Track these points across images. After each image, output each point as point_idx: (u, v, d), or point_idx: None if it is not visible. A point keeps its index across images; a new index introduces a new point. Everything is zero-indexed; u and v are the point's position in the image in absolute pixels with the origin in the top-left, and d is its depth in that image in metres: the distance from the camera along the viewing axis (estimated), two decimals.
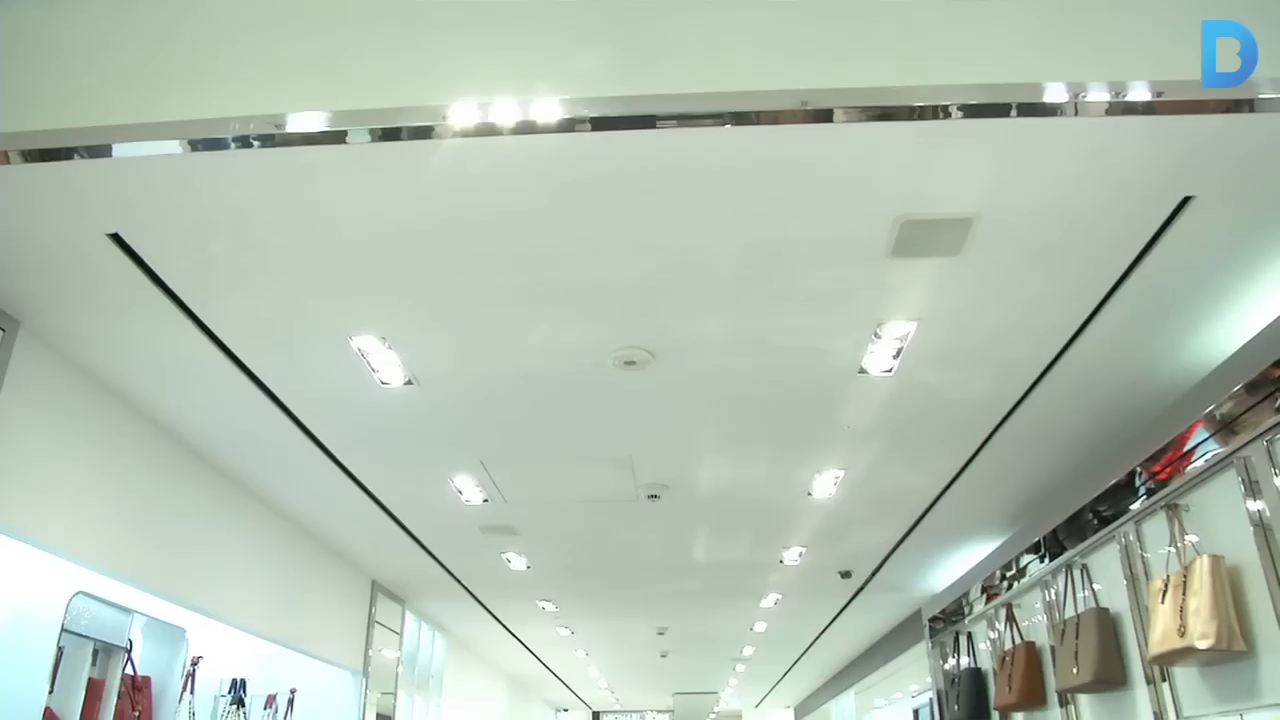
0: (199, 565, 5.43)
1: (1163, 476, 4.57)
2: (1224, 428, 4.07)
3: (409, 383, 4.44)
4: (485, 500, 6.15)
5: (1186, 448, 4.35)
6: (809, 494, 6.10)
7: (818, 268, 3.57)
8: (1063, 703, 5.81)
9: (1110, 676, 5.00)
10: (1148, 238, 3.39)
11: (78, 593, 4.10)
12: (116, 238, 3.33)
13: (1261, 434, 3.76)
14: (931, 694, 8.95)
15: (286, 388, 4.61)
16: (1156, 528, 4.67)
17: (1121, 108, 2.70)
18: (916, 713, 10.13)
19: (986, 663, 7.25)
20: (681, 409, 4.88)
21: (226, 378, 4.40)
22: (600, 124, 2.73)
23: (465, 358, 4.29)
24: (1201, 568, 4.02)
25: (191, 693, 5.17)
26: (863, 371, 4.36)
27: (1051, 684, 5.95)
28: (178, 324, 3.90)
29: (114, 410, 4.65)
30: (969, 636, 7.67)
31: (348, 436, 5.22)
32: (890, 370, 4.33)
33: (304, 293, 3.72)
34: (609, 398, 4.71)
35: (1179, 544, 4.37)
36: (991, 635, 7.04)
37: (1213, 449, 4.15)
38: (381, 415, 4.87)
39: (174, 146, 2.82)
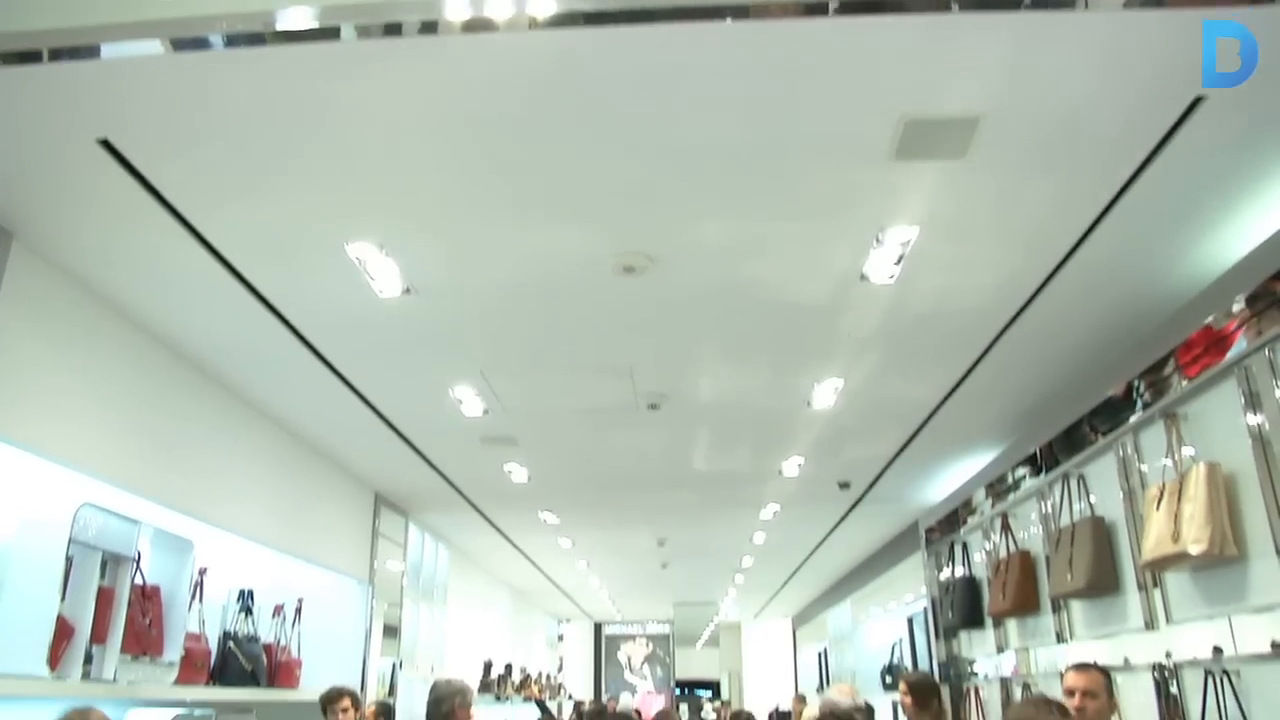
0: (203, 477, 5.48)
1: (1162, 386, 4.59)
2: (1224, 337, 4.07)
3: (407, 291, 4.41)
4: (485, 411, 6.18)
5: (1188, 357, 4.36)
6: (808, 404, 6.12)
7: (819, 170, 3.52)
8: (1055, 609, 5.93)
9: (1103, 583, 5.09)
10: (1156, 141, 3.33)
11: (84, 504, 4.12)
12: (107, 144, 3.27)
13: (1264, 344, 3.76)
14: (926, 603, 9.13)
15: (285, 298, 4.59)
16: (1154, 438, 4.70)
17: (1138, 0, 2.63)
18: (911, 621, 10.34)
19: (981, 573, 7.39)
20: (681, 317, 4.86)
21: (224, 289, 4.38)
22: (595, 19, 2.67)
23: (463, 265, 4.26)
24: (1198, 475, 4.06)
25: (200, 602, 5.25)
26: (864, 279, 4.32)
27: (1045, 590, 6.06)
28: (173, 234, 3.86)
29: (114, 323, 4.63)
30: (964, 546, 7.80)
31: (347, 347, 5.21)
32: (892, 277, 4.30)
33: (298, 197, 3.67)
34: (609, 305, 4.68)
35: (1176, 452, 4.41)
36: (987, 546, 7.16)
37: (1212, 358, 4.16)
38: (380, 325, 4.86)
39: (158, 46, 2.75)
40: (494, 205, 3.74)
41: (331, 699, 5.96)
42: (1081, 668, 4.17)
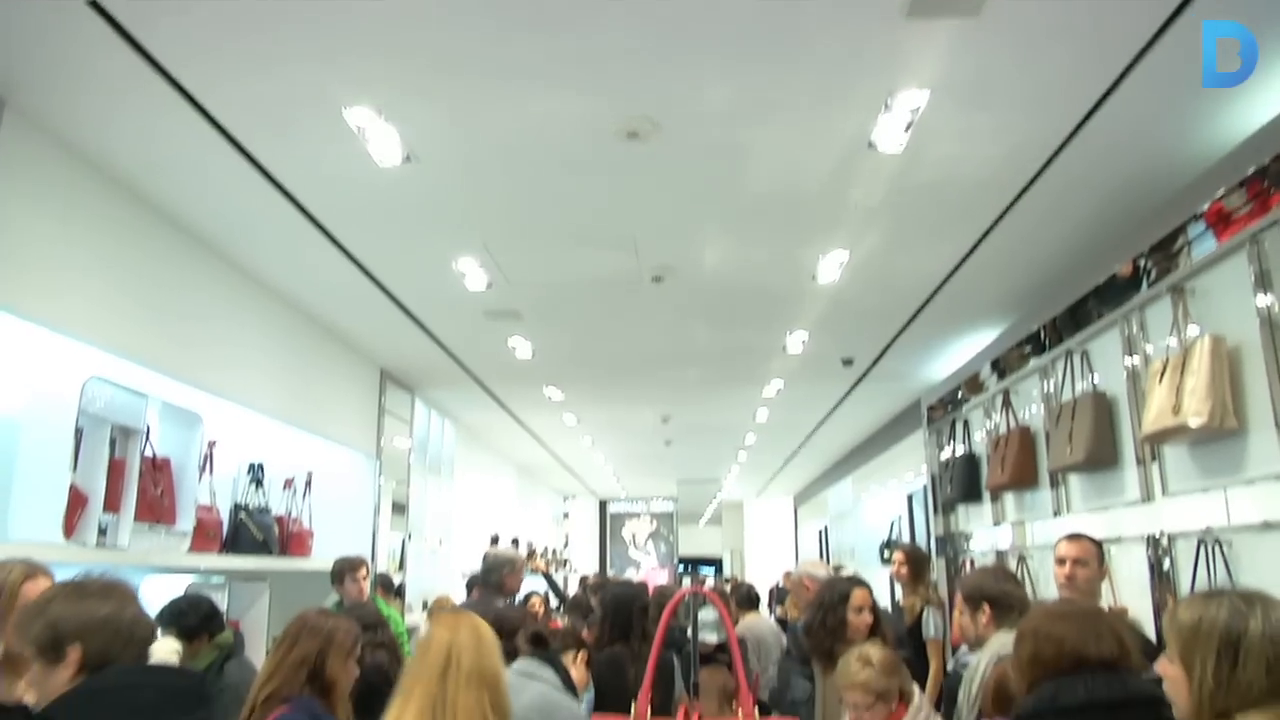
0: (209, 350, 5.50)
1: (1170, 261, 4.54)
2: (1236, 211, 4.01)
3: (407, 160, 4.33)
4: (489, 284, 6.14)
5: (1197, 230, 4.30)
6: (813, 278, 6.07)
7: (829, 29, 3.40)
8: (1053, 483, 6.01)
9: (1102, 456, 5.15)
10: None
11: (92, 376, 4.14)
12: (96, 5, 3.17)
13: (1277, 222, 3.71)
14: (925, 480, 9.27)
15: (284, 168, 4.51)
16: (1160, 314, 4.68)
17: None
18: (910, 498, 10.52)
19: (981, 450, 7.47)
20: (685, 185, 4.78)
21: (223, 160, 4.31)
22: None
23: (464, 132, 4.17)
24: (1202, 348, 4.05)
25: (211, 474, 5.33)
26: (871, 146, 4.23)
27: (1044, 465, 6.13)
28: (169, 101, 3.78)
29: (116, 196, 4.59)
30: (966, 424, 7.87)
31: (349, 218, 5.16)
32: (900, 146, 4.20)
33: (294, 58, 3.56)
34: (613, 173, 4.60)
35: (1181, 327, 4.39)
36: (988, 425, 7.22)
37: (1226, 232, 4.10)
38: (381, 195, 4.79)
39: None
40: (495, 67, 3.64)
41: (353, 566, 6.12)
42: (1073, 537, 4.24)
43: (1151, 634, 4.08)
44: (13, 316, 3.86)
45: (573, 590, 11.35)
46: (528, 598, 6.79)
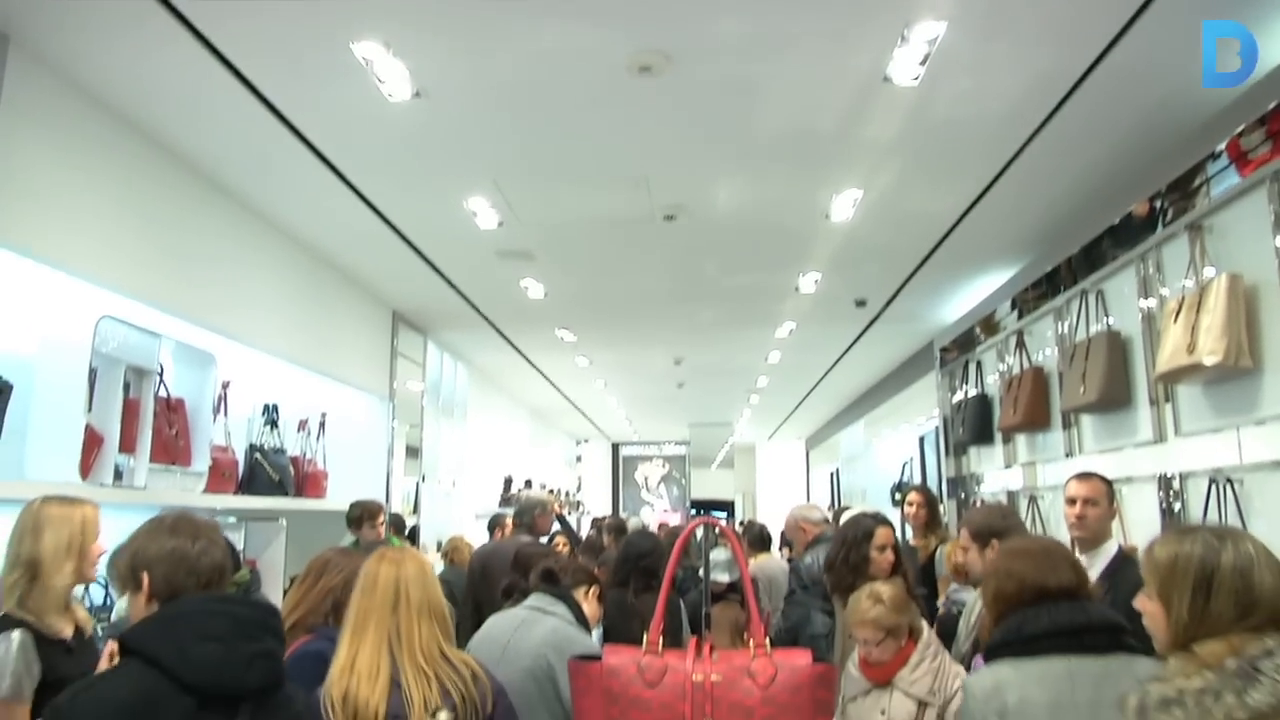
0: (221, 291, 5.50)
1: (1188, 199, 4.48)
2: (1256, 149, 3.94)
3: (417, 95, 4.27)
4: (500, 223, 6.09)
5: (1217, 167, 4.23)
6: (826, 216, 6.01)
7: None
8: (1066, 424, 6.01)
9: (1115, 396, 5.13)
10: None
11: (104, 316, 4.16)
12: None
13: None
14: (937, 422, 9.28)
15: (292, 104, 4.47)
16: (1176, 254, 4.63)
17: None
18: (922, 440, 10.53)
19: (994, 392, 7.46)
20: (698, 121, 4.71)
21: (231, 96, 4.27)
22: None
23: (474, 67, 4.11)
24: (1218, 286, 4.02)
25: (225, 415, 5.37)
26: (887, 80, 4.15)
27: (1056, 405, 6.12)
28: (174, 36, 3.73)
29: (124, 135, 4.57)
30: (979, 365, 7.85)
31: (359, 156, 5.12)
32: (916, 79, 4.12)
33: None
34: (624, 108, 4.53)
35: (1198, 266, 4.35)
36: (1001, 368, 7.20)
37: (1244, 170, 4.03)
38: (391, 132, 4.75)
39: None
40: (505, 1, 3.57)
41: (372, 514, 6.20)
42: (1084, 476, 4.24)
43: None
44: (25, 258, 3.87)
45: (584, 532, 11.50)
46: (552, 538, 6.90)
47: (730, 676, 1.88)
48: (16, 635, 2.68)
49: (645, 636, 1.95)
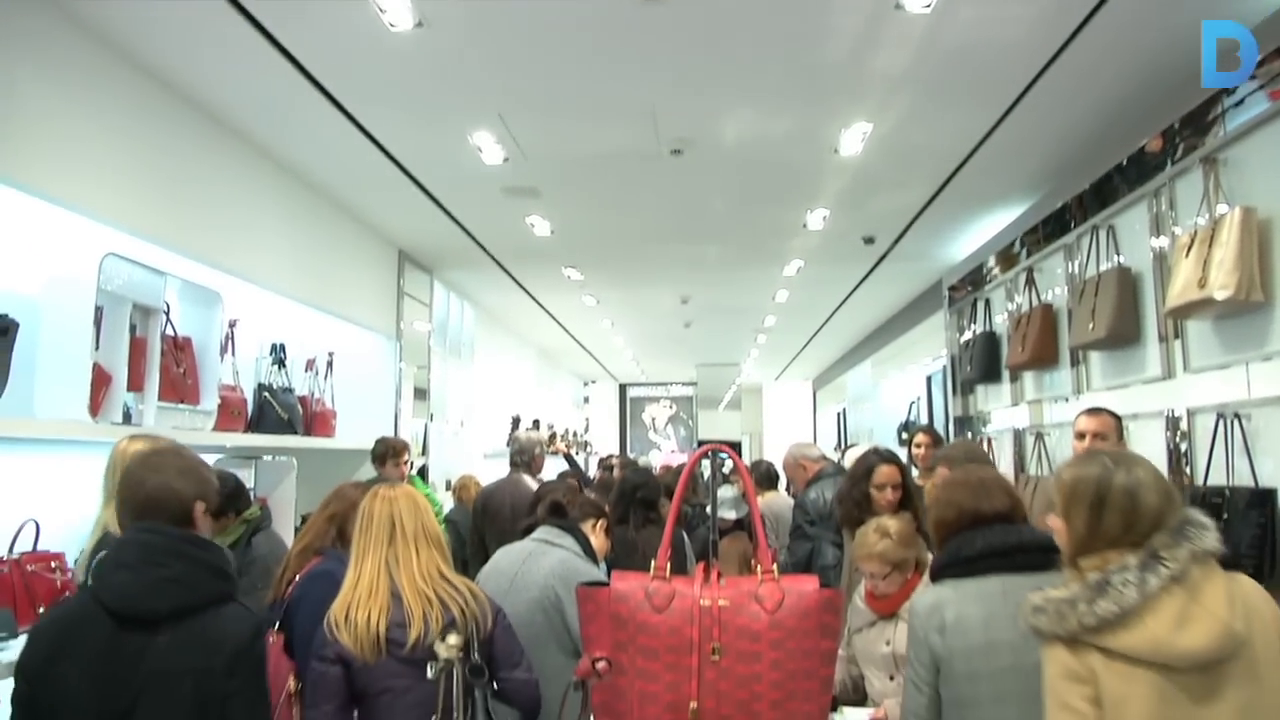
0: (226, 229, 5.48)
1: (1202, 131, 4.40)
2: (1271, 83, 3.86)
3: (419, 24, 4.20)
4: (505, 159, 6.03)
5: (1233, 100, 4.15)
6: (835, 151, 5.93)
7: None
8: (1074, 362, 5.99)
9: (1124, 332, 5.11)
10: None
11: (108, 254, 4.13)
12: None
13: None
14: (945, 362, 9.26)
15: (293, 35, 4.40)
16: (1189, 189, 4.58)
17: None
18: (929, 380, 10.53)
19: (1002, 330, 7.43)
20: (704, 50, 4.62)
21: (232, 29, 4.22)
22: None
23: None
24: (1232, 220, 3.97)
25: (233, 355, 5.37)
26: (898, 7, 4.07)
27: (1065, 343, 6.10)
28: None
29: (127, 72, 4.53)
30: (987, 303, 7.81)
31: (361, 89, 5.06)
32: (928, 6, 4.04)
33: None
34: (630, 39, 4.46)
35: (1211, 200, 4.29)
36: (1010, 307, 7.16)
37: (1263, 100, 3.96)
38: (394, 63, 4.68)
39: None
40: None
41: (396, 451, 6.22)
42: (1093, 411, 4.25)
43: None
44: (29, 195, 3.85)
45: (592, 472, 11.60)
46: (563, 475, 6.98)
47: (738, 601, 1.90)
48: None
49: (652, 565, 1.96)
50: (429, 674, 2.21)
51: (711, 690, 1.86)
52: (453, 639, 1.58)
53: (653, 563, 1.92)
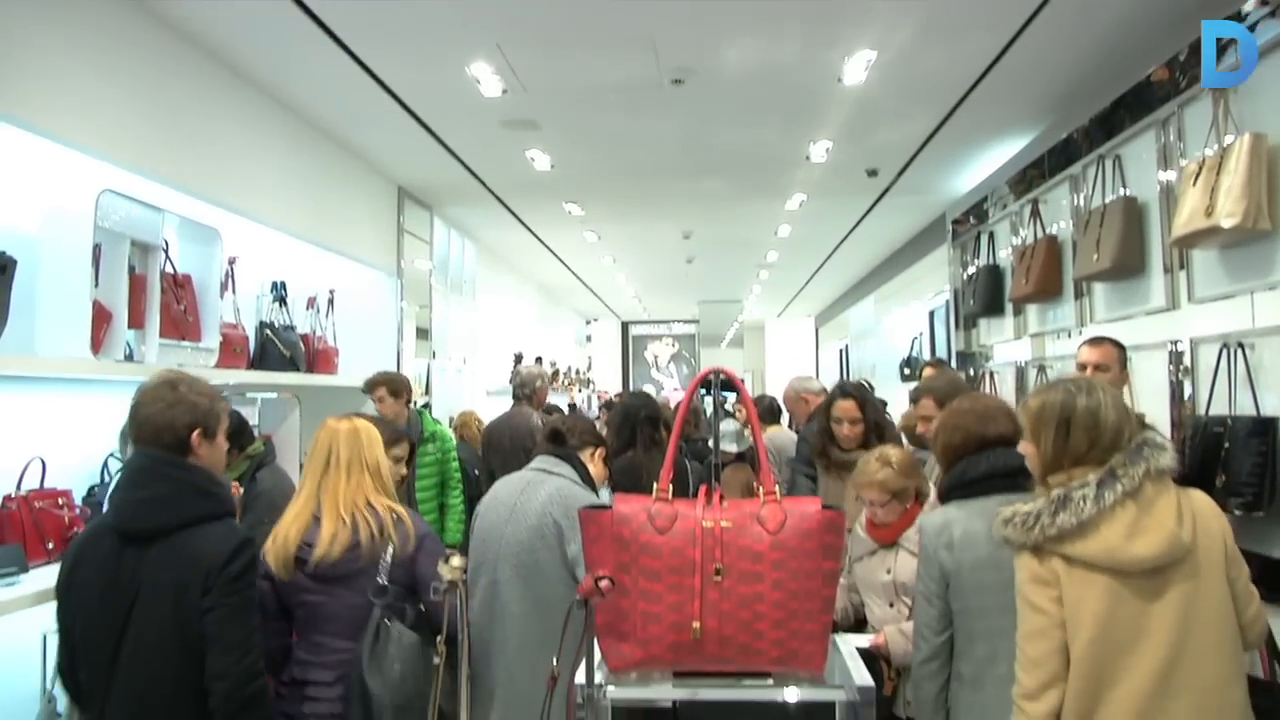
0: (224, 165, 5.42)
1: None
2: None
3: None
4: (504, 91, 5.94)
5: (1246, 24, 4.07)
6: (839, 79, 5.83)
7: None
8: (1078, 294, 5.97)
9: (1129, 262, 5.08)
10: None
11: (104, 190, 4.10)
12: None
13: None
14: (947, 296, 9.23)
15: None
16: (1197, 116, 4.50)
17: None
18: (931, 315, 10.51)
19: (1006, 263, 7.40)
20: None
21: None
22: None
23: None
24: (1240, 147, 3.92)
25: (234, 293, 5.36)
26: None
27: (1069, 275, 6.07)
28: None
29: (124, 8, 4.47)
30: (991, 236, 7.76)
31: (357, 20, 4.97)
32: None
33: None
34: None
35: (1220, 128, 4.23)
36: (1014, 241, 7.11)
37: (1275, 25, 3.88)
38: None
39: None
40: None
41: (371, 384, 6.21)
42: (1094, 342, 4.24)
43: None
44: (25, 131, 3.81)
45: (593, 413, 11.71)
46: (572, 407, 7.10)
47: (740, 522, 1.91)
48: None
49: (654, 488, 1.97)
50: (433, 595, 2.29)
51: (714, 610, 1.89)
52: (456, 561, 1.62)
53: (655, 485, 1.93)
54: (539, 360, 12.64)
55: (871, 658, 3.08)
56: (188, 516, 2.41)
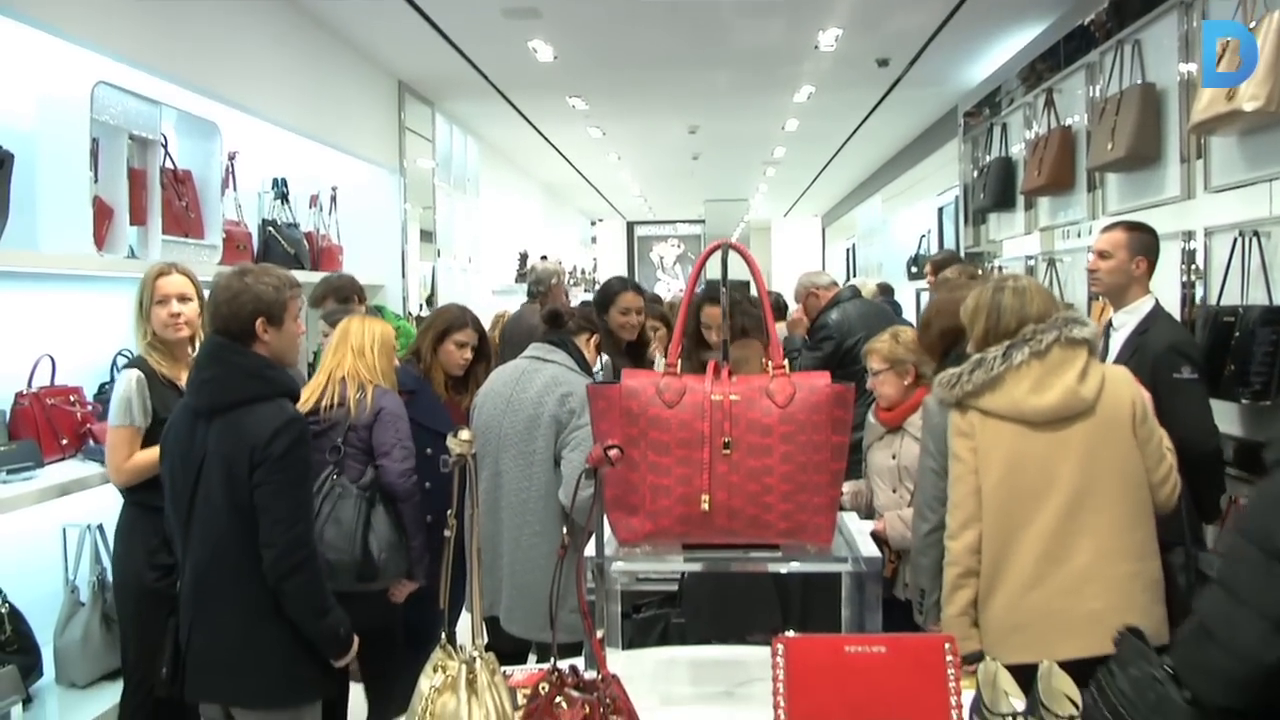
0: (221, 58, 5.27)
1: None
2: None
3: None
4: None
5: None
6: None
7: None
8: (1090, 186, 5.88)
9: (1145, 151, 4.98)
10: None
11: (99, 82, 4.03)
12: None
13: None
14: (957, 192, 9.11)
15: None
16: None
17: None
18: (940, 211, 10.38)
19: (1018, 156, 7.27)
20: None
21: None
22: None
23: None
24: (1269, 25, 3.78)
25: (235, 190, 5.31)
26: None
27: (1082, 166, 5.97)
28: None
29: None
30: (1004, 128, 7.62)
31: None
32: None
33: None
34: None
35: (1246, 9, 4.09)
36: (1027, 135, 6.97)
37: None
38: None
39: None
40: None
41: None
42: (1107, 227, 4.17)
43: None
44: (16, 20, 3.71)
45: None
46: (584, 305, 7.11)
47: (749, 396, 1.91)
48: (133, 374, 3.25)
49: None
50: (442, 468, 2.36)
51: (723, 483, 1.90)
52: (464, 434, 1.62)
53: (662, 359, 1.93)
54: (545, 258, 12.59)
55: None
56: (237, 397, 2.63)
